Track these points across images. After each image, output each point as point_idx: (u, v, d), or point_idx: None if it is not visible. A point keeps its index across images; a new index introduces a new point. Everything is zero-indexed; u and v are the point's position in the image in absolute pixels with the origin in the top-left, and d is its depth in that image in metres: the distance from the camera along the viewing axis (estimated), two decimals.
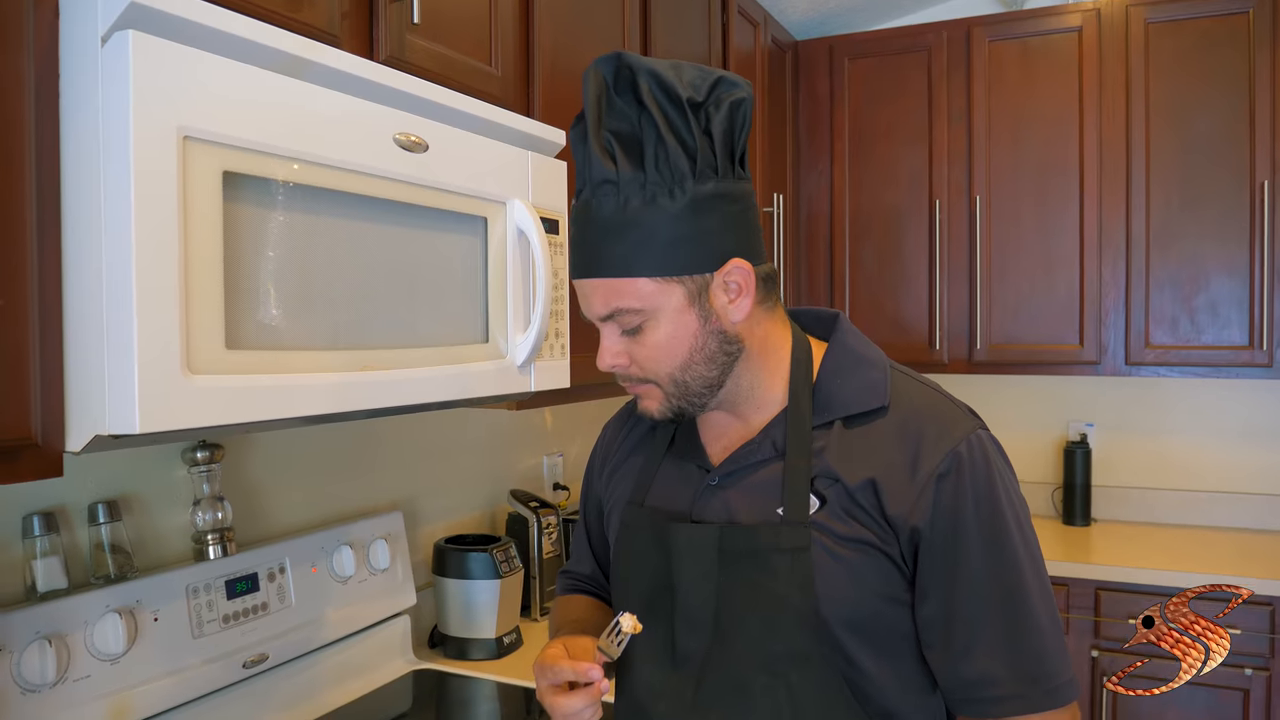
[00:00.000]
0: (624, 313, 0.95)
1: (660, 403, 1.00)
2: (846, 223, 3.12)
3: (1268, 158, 2.60)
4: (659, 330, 0.95)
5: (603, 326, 0.99)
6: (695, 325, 0.95)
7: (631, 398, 1.22)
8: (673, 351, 0.96)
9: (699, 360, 0.97)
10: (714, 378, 0.99)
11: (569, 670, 0.96)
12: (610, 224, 0.93)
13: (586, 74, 0.95)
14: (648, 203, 0.92)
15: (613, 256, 0.93)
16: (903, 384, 1.01)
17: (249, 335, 1.02)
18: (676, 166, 0.91)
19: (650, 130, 0.92)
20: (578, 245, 0.97)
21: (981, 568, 0.94)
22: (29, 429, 0.91)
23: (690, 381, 0.98)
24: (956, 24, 2.96)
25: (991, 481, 0.95)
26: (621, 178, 0.92)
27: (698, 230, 0.93)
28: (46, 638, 1.21)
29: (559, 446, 2.55)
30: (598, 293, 0.96)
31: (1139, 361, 2.77)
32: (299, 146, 1.06)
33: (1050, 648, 0.94)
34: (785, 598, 0.94)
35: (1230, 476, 2.98)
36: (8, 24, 0.89)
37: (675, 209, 0.92)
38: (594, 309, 0.98)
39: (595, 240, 0.94)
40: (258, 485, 1.65)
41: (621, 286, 0.94)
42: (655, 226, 0.92)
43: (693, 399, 0.99)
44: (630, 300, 0.94)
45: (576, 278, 0.99)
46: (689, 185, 0.92)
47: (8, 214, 0.89)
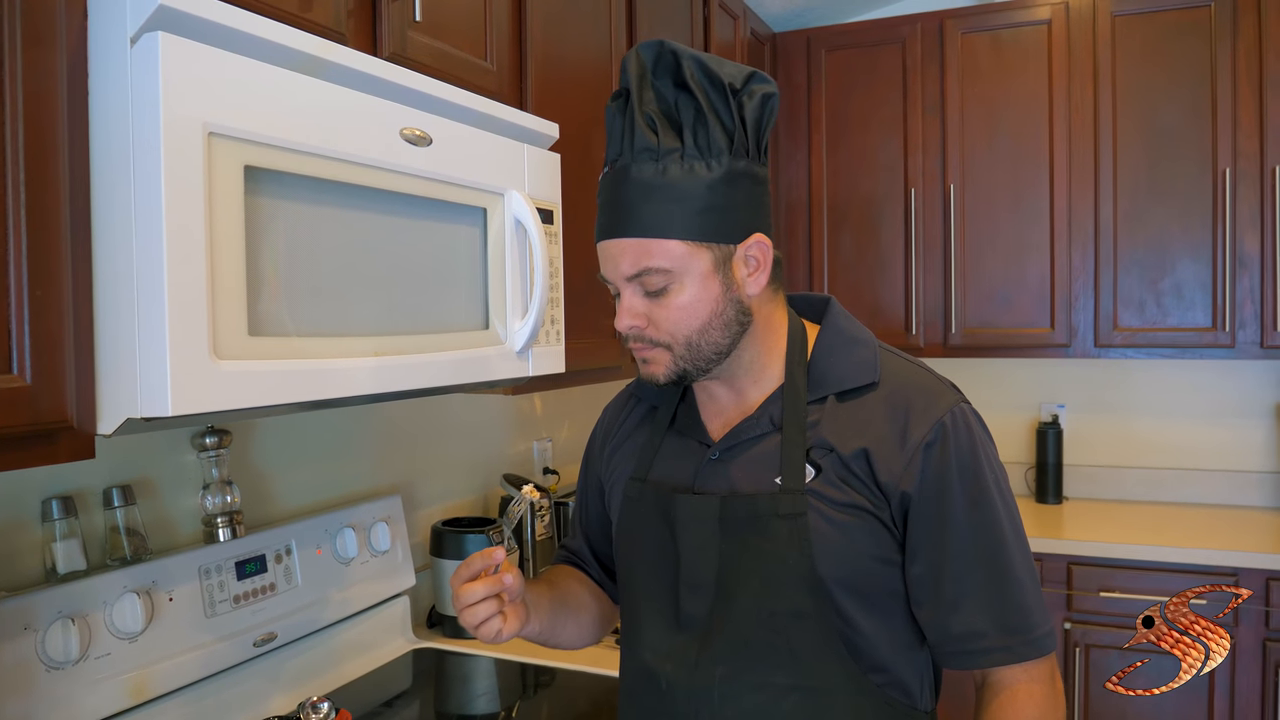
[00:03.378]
0: (652, 272, 1.00)
1: (667, 367, 1.04)
2: (825, 211, 3.19)
3: (1229, 146, 2.69)
4: (684, 293, 1.00)
5: (624, 288, 1.03)
6: (717, 291, 1.01)
7: (631, 381, 1.29)
8: (694, 314, 1.01)
9: (716, 325, 1.02)
10: (725, 345, 1.04)
11: (477, 560, 1.03)
12: (647, 187, 0.98)
13: (628, 56, 1.02)
14: (685, 171, 0.98)
15: (647, 217, 0.98)
16: (891, 362, 1.08)
17: (268, 322, 1.07)
18: (715, 142, 0.99)
19: (691, 107, 0.99)
20: (608, 208, 1.02)
21: (966, 529, 1.01)
22: (66, 413, 0.95)
23: (704, 346, 1.03)
24: (930, 16, 3.04)
25: (974, 449, 1.02)
26: (662, 148, 0.99)
27: (727, 202, 1.00)
28: (69, 617, 1.25)
29: (548, 431, 2.61)
30: (627, 253, 1.00)
31: (1108, 344, 2.86)
32: (314, 141, 1.11)
33: (1031, 602, 1.01)
34: (784, 560, 1.00)
35: (1195, 454, 3.09)
36: (40, 25, 0.92)
37: (710, 179, 0.99)
38: (621, 269, 1.02)
39: (629, 202, 0.99)
40: (264, 469, 1.69)
41: (652, 246, 0.99)
42: (690, 193, 0.98)
43: (700, 364, 1.04)
44: (660, 260, 0.99)
45: (606, 238, 1.02)
46: (725, 160, 0.99)
47: (43, 209, 0.93)
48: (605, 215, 1.03)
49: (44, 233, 0.93)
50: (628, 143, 1.01)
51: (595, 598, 1.27)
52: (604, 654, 1.83)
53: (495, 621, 1.03)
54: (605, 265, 1.04)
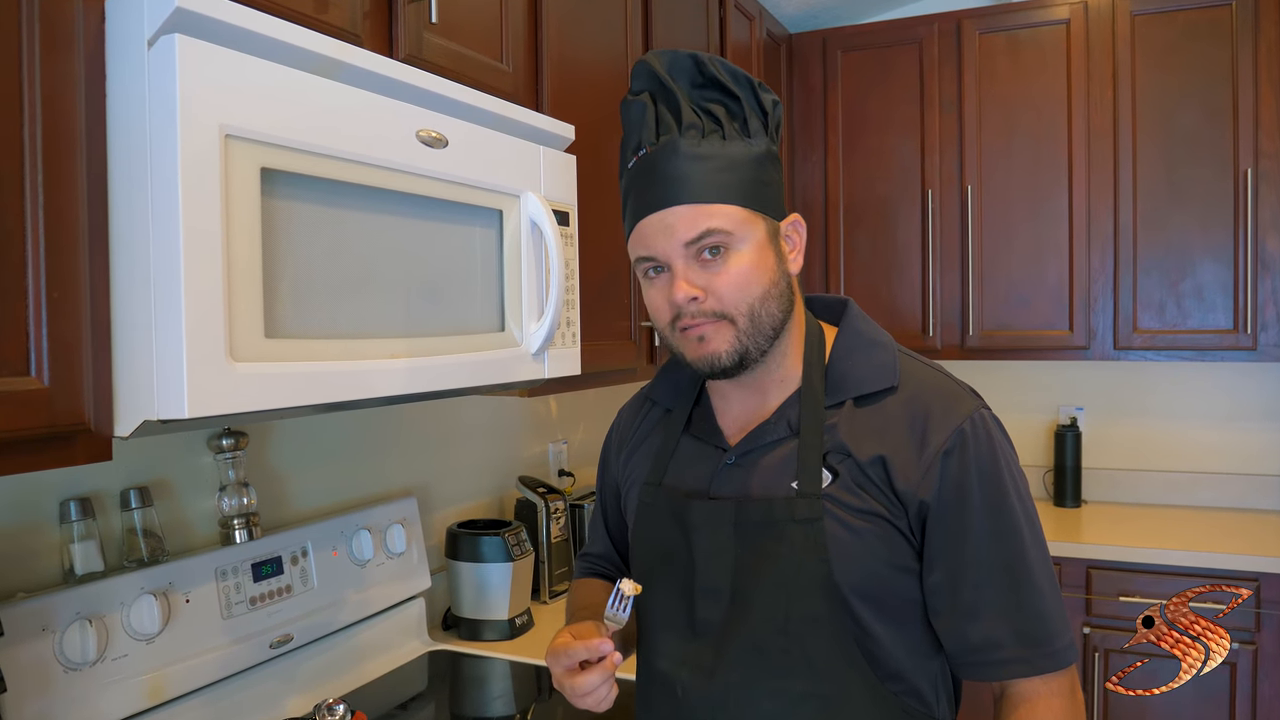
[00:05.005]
0: (714, 233, 0.97)
1: (730, 343, 1.00)
2: (841, 212, 3.18)
3: (1250, 146, 2.66)
4: (744, 257, 0.99)
5: (678, 259, 0.99)
6: (773, 261, 1.01)
7: (645, 384, 1.28)
8: (754, 280, 0.99)
9: (774, 296, 1.01)
10: (780, 321, 1.02)
11: (580, 650, 1.00)
12: (700, 156, 0.98)
13: (641, 62, 1.03)
14: (732, 144, 0.99)
15: (704, 183, 0.98)
16: (910, 366, 1.07)
17: (285, 324, 1.07)
18: (752, 124, 1.00)
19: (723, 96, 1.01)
20: (656, 182, 0.99)
21: (985, 538, 0.99)
22: (83, 415, 0.95)
23: (764, 318, 1.00)
24: (947, 16, 3.02)
25: (994, 457, 1.01)
26: (707, 126, 1.00)
27: (770, 179, 1.01)
28: (86, 618, 1.26)
29: (564, 434, 2.61)
30: (683, 219, 0.98)
31: (1127, 346, 2.83)
32: (330, 143, 1.11)
33: (1051, 612, 1.00)
34: (800, 566, 0.99)
35: (1216, 458, 3.06)
36: (58, 28, 0.93)
37: (754, 155, 1.00)
38: (678, 235, 0.98)
39: (681, 173, 0.98)
40: (280, 471, 1.70)
41: (713, 210, 0.98)
42: (741, 163, 0.99)
43: (760, 341, 1.01)
44: (722, 221, 0.97)
45: (656, 209, 0.99)
46: (762, 140, 1.01)
47: (61, 211, 0.93)
48: (651, 191, 1.00)
49: (61, 235, 0.93)
50: (668, 123, 1.01)
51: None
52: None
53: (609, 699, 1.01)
54: (655, 240, 1.00)
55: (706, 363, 1.01)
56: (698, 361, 1.02)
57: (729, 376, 1.03)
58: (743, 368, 1.02)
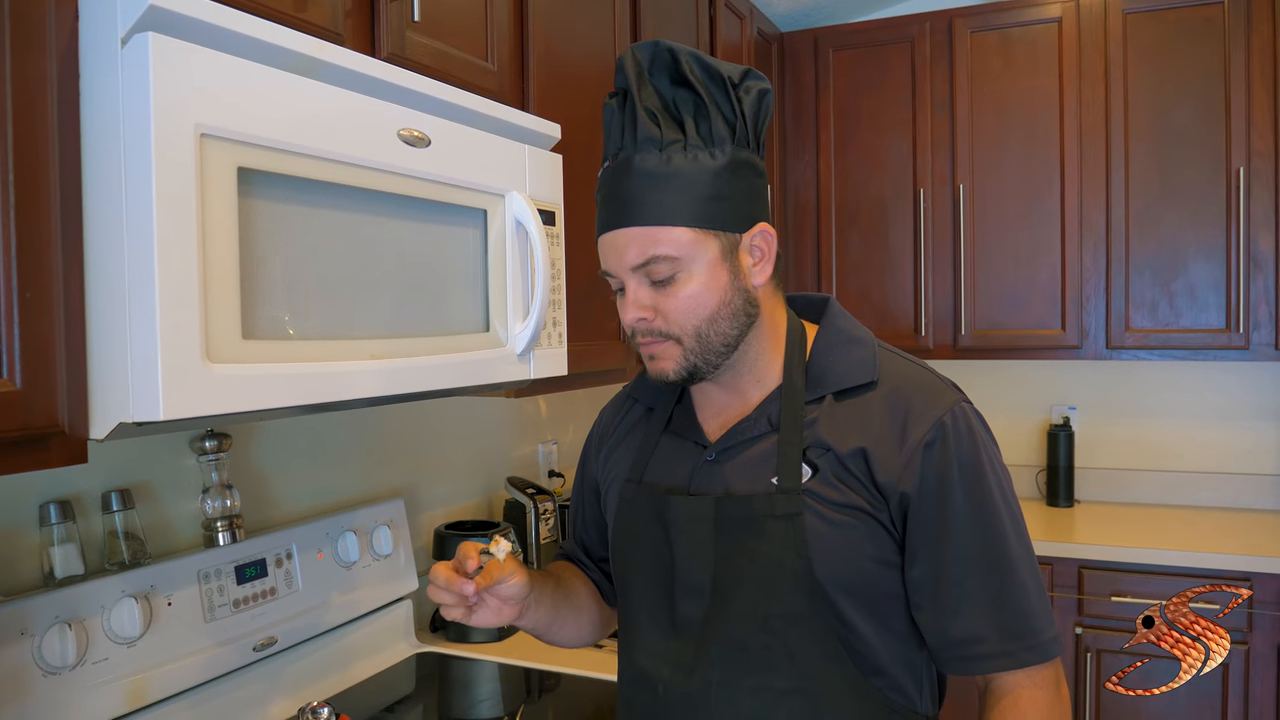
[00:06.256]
0: (660, 260, 0.98)
1: (677, 362, 1.02)
2: (833, 211, 3.17)
3: (1243, 145, 2.66)
4: (692, 281, 0.99)
5: (629, 279, 1.01)
6: (725, 280, 1.00)
7: (627, 383, 1.27)
8: (702, 304, 0.99)
9: (725, 315, 1.01)
10: (733, 337, 1.02)
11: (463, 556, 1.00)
12: (651, 176, 0.97)
13: (623, 56, 1.01)
14: (689, 160, 0.98)
15: (653, 205, 0.97)
16: (890, 361, 1.07)
17: (263, 325, 1.06)
18: (717, 131, 0.98)
19: (691, 100, 0.99)
20: (611, 200, 1.00)
21: (967, 530, 0.99)
22: (57, 417, 0.94)
23: (713, 337, 1.01)
24: (939, 15, 3.01)
25: (975, 449, 1.00)
26: (665, 138, 0.98)
27: (732, 191, 0.99)
28: (66, 622, 1.24)
29: (553, 434, 2.60)
30: (633, 242, 0.99)
31: (1120, 345, 2.83)
32: (309, 142, 1.10)
33: (1034, 606, 0.99)
34: (781, 561, 0.99)
35: (1208, 457, 3.05)
36: (30, 26, 0.92)
37: (714, 167, 0.98)
38: (627, 259, 1.00)
39: (634, 192, 0.98)
40: (265, 473, 1.69)
41: (659, 234, 0.98)
42: (695, 180, 0.98)
43: (710, 357, 1.02)
44: (668, 248, 0.98)
45: (610, 229, 1.01)
46: (728, 149, 0.99)
47: (33, 210, 0.92)
48: (607, 208, 1.02)
49: (34, 235, 0.92)
50: (629, 135, 1.00)
51: (594, 599, 1.26)
52: (608, 659, 1.82)
53: (456, 611, 1.01)
54: (609, 258, 1.02)
55: (657, 376, 1.05)
56: (650, 374, 1.06)
57: (687, 385, 1.07)
58: (694, 380, 1.04)
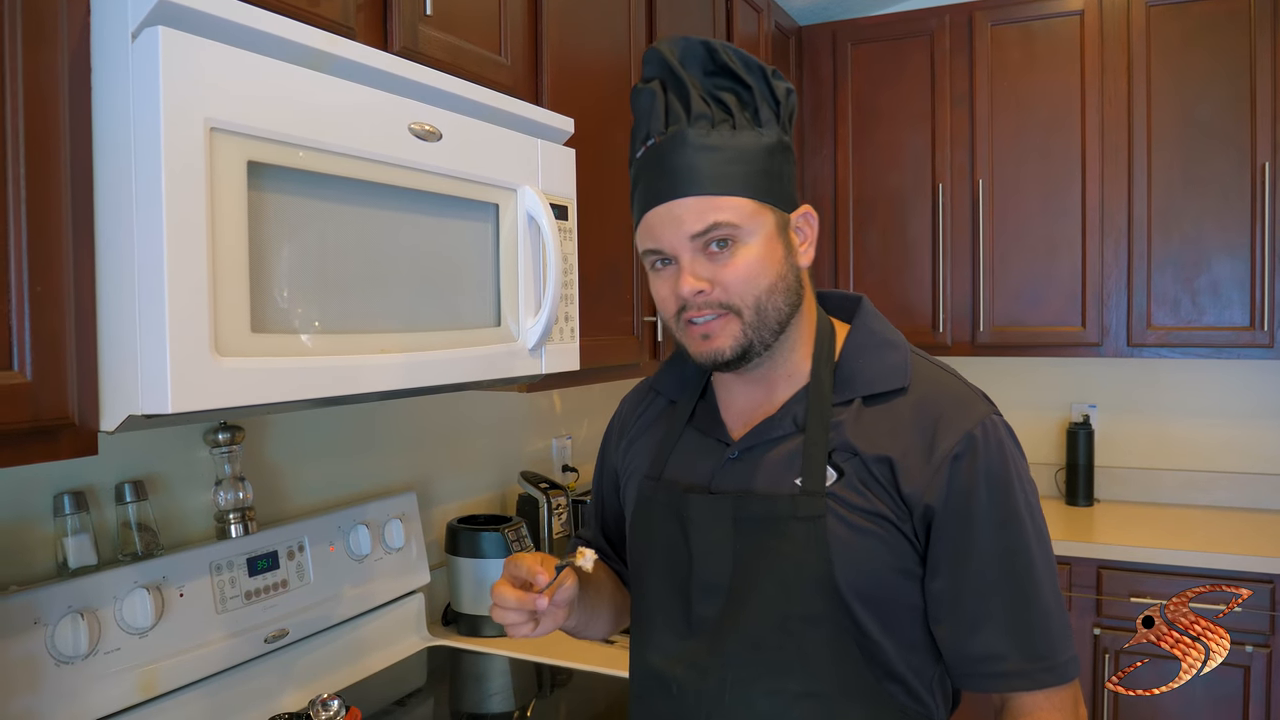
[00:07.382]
0: (721, 226, 0.96)
1: (735, 338, 0.99)
2: (851, 206, 3.15)
3: (1269, 140, 2.62)
4: (751, 250, 0.98)
5: (685, 251, 0.99)
6: (781, 254, 1.00)
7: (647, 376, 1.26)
8: (762, 273, 0.98)
9: (780, 290, 1.00)
10: (786, 315, 1.01)
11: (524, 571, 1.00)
12: (708, 149, 0.97)
13: (652, 50, 1.02)
14: (742, 136, 0.98)
15: (712, 176, 0.97)
16: (922, 367, 1.05)
17: (272, 319, 1.06)
18: (763, 114, 0.99)
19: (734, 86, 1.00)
20: (665, 173, 0.98)
21: (991, 547, 0.97)
22: (67, 410, 0.95)
23: (770, 311, 0.99)
24: (959, 8, 2.98)
25: (1004, 464, 0.98)
26: (717, 116, 0.98)
27: (781, 170, 1.00)
28: (79, 612, 1.26)
29: (567, 429, 2.59)
30: (691, 211, 0.97)
31: (1141, 343, 2.80)
32: (319, 136, 1.10)
33: (1055, 627, 0.98)
34: (800, 563, 0.97)
35: (1231, 456, 3.01)
36: (42, 22, 0.92)
37: (765, 145, 0.99)
38: (685, 227, 0.97)
39: (690, 164, 0.97)
40: (277, 466, 1.69)
41: (721, 202, 0.97)
42: (752, 154, 0.98)
43: (764, 334, 1.00)
44: (730, 214, 0.97)
45: (664, 201, 0.98)
46: (774, 129, 1.00)
47: (44, 204, 0.92)
48: (659, 182, 0.99)
49: (45, 229, 0.92)
50: (677, 113, 0.99)
51: (620, 589, 1.26)
52: (619, 655, 1.81)
53: (525, 628, 1.02)
54: (663, 231, 0.99)
55: (709, 356, 1.01)
56: (700, 355, 1.02)
57: (732, 369, 1.03)
58: (745, 361, 1.01)
